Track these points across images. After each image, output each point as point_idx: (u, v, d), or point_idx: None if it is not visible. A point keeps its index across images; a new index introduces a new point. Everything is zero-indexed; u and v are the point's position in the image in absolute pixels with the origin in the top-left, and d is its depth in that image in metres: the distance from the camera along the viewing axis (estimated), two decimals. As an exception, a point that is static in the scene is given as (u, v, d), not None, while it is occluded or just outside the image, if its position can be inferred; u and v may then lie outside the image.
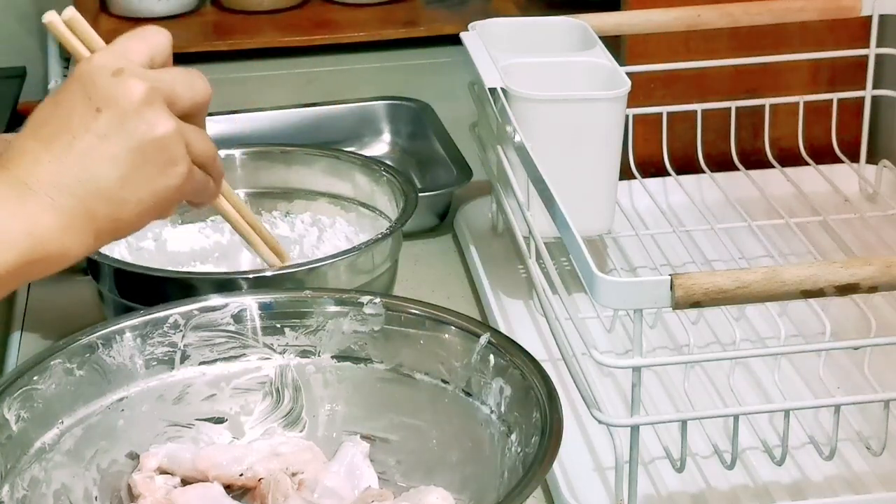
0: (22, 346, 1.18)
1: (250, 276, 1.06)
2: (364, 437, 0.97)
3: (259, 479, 0.94)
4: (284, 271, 1.07)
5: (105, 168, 0.83)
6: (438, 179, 1.40)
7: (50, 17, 0.89)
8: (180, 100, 0.86)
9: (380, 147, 1.53)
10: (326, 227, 1.23)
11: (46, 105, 0.85)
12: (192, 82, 0.87)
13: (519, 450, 0.88)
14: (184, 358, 0.97)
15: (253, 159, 1.26)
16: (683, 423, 0.93)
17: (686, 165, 1.34)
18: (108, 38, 0.85)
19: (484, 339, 0.94)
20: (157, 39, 0.87)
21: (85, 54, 0.89)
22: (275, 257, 1.09)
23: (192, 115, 0.87)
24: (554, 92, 1.15)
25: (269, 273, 1.06)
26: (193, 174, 0.88)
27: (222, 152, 1.23)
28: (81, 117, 0.83)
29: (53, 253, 0.81)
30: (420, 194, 1.19)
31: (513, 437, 0.89)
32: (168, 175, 0.85)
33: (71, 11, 0.89)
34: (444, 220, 1.35)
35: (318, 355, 0.98)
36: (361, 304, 0.98)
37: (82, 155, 0.82)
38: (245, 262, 1.22)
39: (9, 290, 0.82)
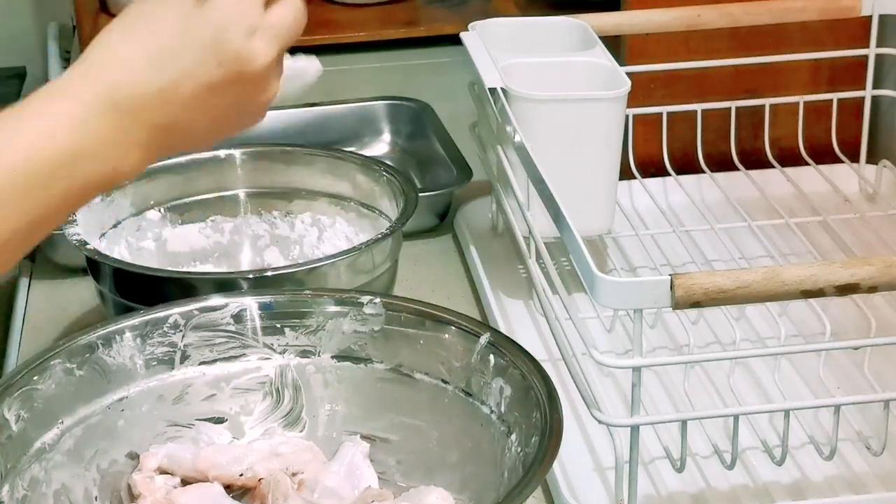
0: (22, 346, 1.18)
1: (250, 276, 1.06)
2: (364, 437, 0.97)
3: (259, 480, 0.94)
4: (284, 271, 1.07)
5: (202, 119, 0.82)
6: (438, 179, 1.40)
7: None
8: (288, 46, 0.85)
9: (380, 147, 1.53)
10: (326, 227, 1.23)
11: (165, 21, 0.82)
12: (298, 26, 0.85)
13: (519, 450, 0.88)
14: (184, 358, 0.97)
15: (253, 159, 1.26)
16: (683, 423, 0.93)
17: (686, 165, 1.34)
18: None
19: (484, 339, 0.94)
20: None
21: None
22: None
23: None
24: (554, 92, 1.15)
25: (269, 273, 1.06)
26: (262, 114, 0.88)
27: (222, 152, 1.24)
28: (202, 63, 0.80)
29: (121, 180, 0.80)
30: (420, 194, 1.19)
31: (513, 437, 0.89)
32: (250, 123, 0.85)
33: None
34: (444, 220, 1.35)
35: (318, 355, 0.98)
36: (361, 304, 0.98)
37: (188, 99, 0.80)
38: (245, 262, 1.22)
39: (74, 209, 0.81)
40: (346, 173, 1.24)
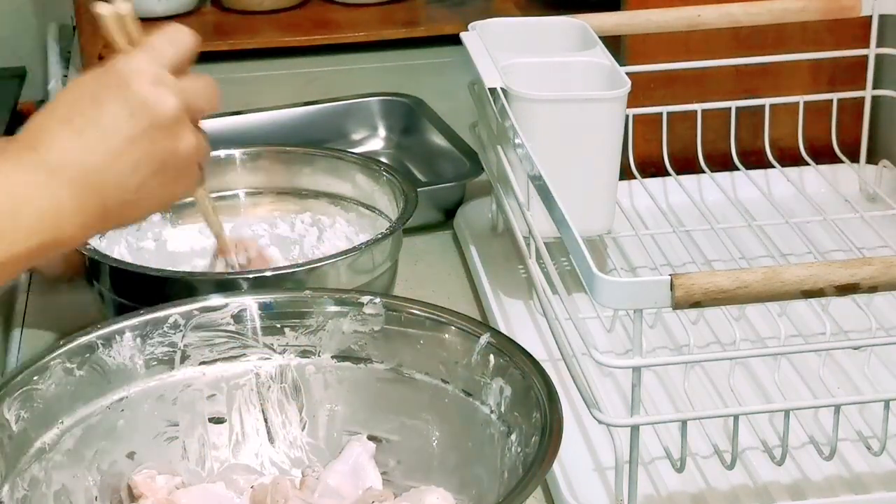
0: (22, 346, 1.18)
1: (250, 276, 1.06)
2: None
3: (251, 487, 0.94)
4: (284, 271, 1.07)
5: (128, 171, 0.85)
6: (443, 173, 1.40)
7: (102, 8, 0.92)
8: (200, 112, 0.90)
9: (375, 143, 1.53)
10: (326, 227, 1.23)
11: (77, 92, 0.87)
12: (209, 93, 0.91)
13: (519, 450, 0.88)
14: (184, 358, 0.97)
15: (253, 159, 1.26)
16: (683, 423, 0.93)
17: (686, 165, 1.34)
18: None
19: (484, 339, 0.94)
20: (185, 43, 0.90)
21: (123, 48, 0.91)
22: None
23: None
24: (554, 92, 1.15)
25: (269, 273, 1.06)
26: (198, 181, 0.92)
27: (222, 152, 1.24)
28: (115, 117, 0.85)
29: (67, 240, 0.84)
30: (424, 188, 1.19)
31: (513, 437, 0.89)
32: (180, 185, 0.90)
33: (126, 7, 0.92)
34: (450, 217, 1.35)
35: (319, 355, 0.98)
36: (361, 304, 0.98)
37: (110, 154, 0.85)
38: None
39: (20, 272, 0.84)
40: (346, 173, 1.24)
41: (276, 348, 0.98)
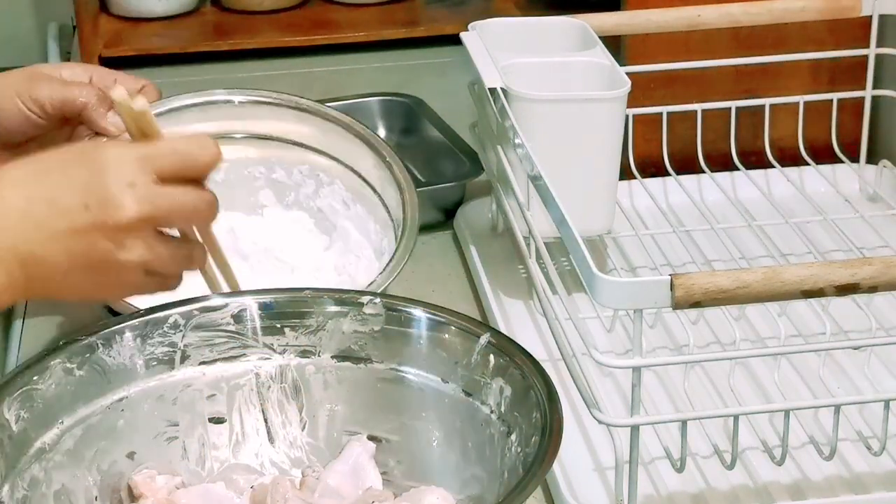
0: (22, 345, 1.18)
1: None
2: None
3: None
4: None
5: (58, 256, 0.84)
6: (444, 173, 1.40)
7: (116, 94, 0.88)
8: (173, 224, 0.88)
9: None
10: (325, 183, 1.23)
11: (58, 158, 0.87)
12: (194, 211, 0.89)
13: (519, 450, 0.88)
14: (184, 358, 0.97)
15: (254, 105, 1.25)
16: (683, 423, 0.93)
17: (686, 165, 1.34)
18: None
19: (484, 339, 0.94)
20: (199, 161, 0.88)
21: (132, 135, 0.89)
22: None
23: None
24: (554, 92, 1.15)
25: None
26: (142, 289, 0.90)
27: (225, 97, 1.23)
28: (69, 202, 0.84)
29: None
30: (427, 188, 1.18)
31: (513, 437, 0.89)
32: (110, 291, 0.89)
33: (142, 103, 0.88)
34: (448, 218, 1.34)
35: (318, 355, 0.98)
36: (361, 304, 0.98)
37: (48, 233, 0.84)
38: (238, 202, 1.22)
39: None
40: (355, 146, 1.23)
41: (276, 348, 0.98)
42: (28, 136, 1.06)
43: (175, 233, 0.92)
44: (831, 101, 1.34)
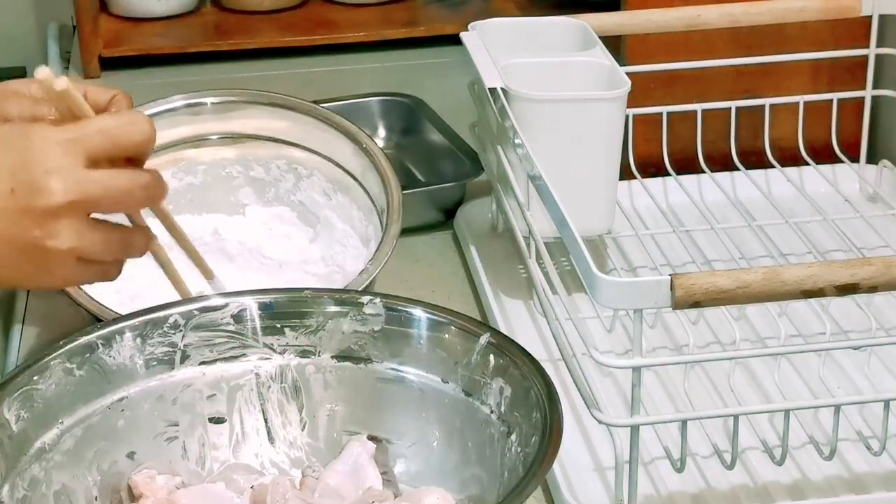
0: (22, 346, 1.18)
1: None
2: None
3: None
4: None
5: None
6: (445, 173, 1.40)
7: (39, 73, 0.86)
8: (106, 209, 0.85)
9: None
10: (304, 176, 1.23)
11: None
12: (127, 193, 0.86)
13: (519, 450, 0.88)
14: (184, 358, 0.97)
15: (228, 108, 1.25)
16: (683, 423, 0.93)
17: (686, 165, 1.34)
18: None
19: (484, 339, 0.94)
20: (130, 138, 0.86)
21: (64, 115, 0.87)
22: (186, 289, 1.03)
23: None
24: (554, 92, 1.15)
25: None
26: (78, 278, 0.88)
27: (196, 99, 1.22)
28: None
29: None
30: (425, 188, 1.18)
31: (513, 437, 0.89)
32: (42, 279, 0.86)
33: (63, 83, 0.86)
34: (448, 218, 1.34)
35: (318, 355, 0.98)
36: (361, 304, 0.98)
37: None
38: (218, 203, 1.22)
39: None
40: (332, 136, 1.23)
41: (276, 348, 0.98)
42: None
43: (121, 218, 0.90)
44: (831, 101, 1.34)
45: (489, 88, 1.15)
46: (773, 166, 1.35)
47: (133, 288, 1.13)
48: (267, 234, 1.23)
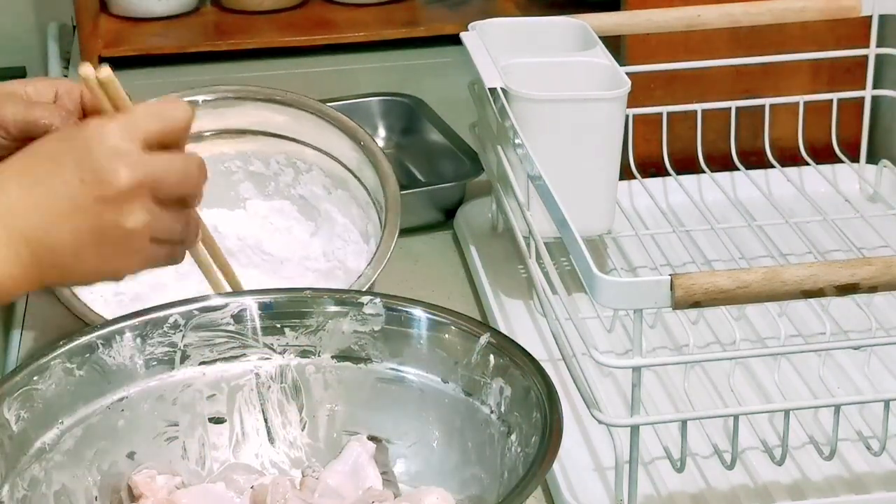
0: (22, 346, 1.18)
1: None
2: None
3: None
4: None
5: (65, 236, 0.84)
6: (434, 174, 1.40)
7: (83, 70, 0.89)
8: (167, 191, 0.87)
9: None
10: (303, 171, 1.23)
11: (42, 148, 0.86)
12: (186, 174, 0.88)
13: (519, 450, 0.88)
14: (184, 358, 0.97)
15: (224, 104, 1.25)
16: (683, 423, 0.93)
17: (686, 165, 1.34)
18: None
19: (484, 339, 0.94)
20: (176, 119, 0.88)
21: (106, 111, 0.89)
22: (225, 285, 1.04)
23: (179, 199, 0.89)
24: (554, 92, 1.15)
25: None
26: (153, 259, 0.89)
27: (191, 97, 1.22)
28: (65, 181, 0.84)
29: (2, 295, 0.84)
30: (426, 188, 1.18)
31: (513, 437, 0.89)
32: (122, 262, 0.87)
33: (107, 71, 0.89)
34: (448, 218, 1.34)
35: (318, 355, 0.98)
36: (361, 304, 0.98)
37: (52, 216, 0.84)
38: (218, 197, 1.22)
39: None
40: (330, 132, 1.23)
41: (276, 348, 0.98)
42: None
43: None
44: (831, 101, 1.34)
45: (489, 88, 1.15)
46: (773, 166, 1.35)
47: (135, 289, 1.14)
48: (268, 229, 1.23)
